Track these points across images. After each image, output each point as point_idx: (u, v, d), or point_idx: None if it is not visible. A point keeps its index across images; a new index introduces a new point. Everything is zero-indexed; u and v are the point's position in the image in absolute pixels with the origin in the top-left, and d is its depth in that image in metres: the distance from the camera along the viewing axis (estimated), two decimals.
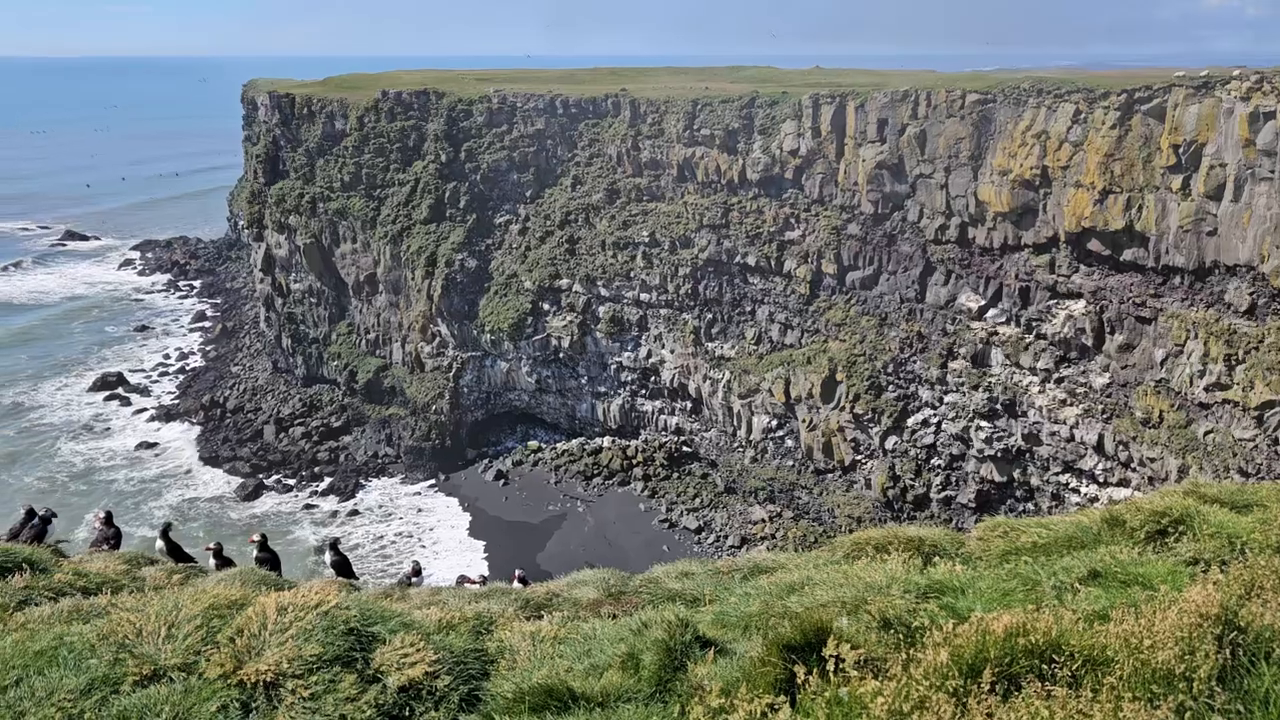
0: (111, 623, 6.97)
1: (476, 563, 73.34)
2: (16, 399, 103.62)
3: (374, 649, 7.08)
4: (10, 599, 8.58)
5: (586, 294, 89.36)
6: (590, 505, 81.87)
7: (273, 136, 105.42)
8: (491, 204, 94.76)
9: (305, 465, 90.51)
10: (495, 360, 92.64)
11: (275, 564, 12.81)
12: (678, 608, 8.47)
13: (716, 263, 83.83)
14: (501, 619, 9.01)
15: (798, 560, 10.10)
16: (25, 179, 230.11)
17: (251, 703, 6.23)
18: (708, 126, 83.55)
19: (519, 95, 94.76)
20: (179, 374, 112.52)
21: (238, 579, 9.50)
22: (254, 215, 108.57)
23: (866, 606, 7.52)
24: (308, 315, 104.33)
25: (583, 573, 10.82)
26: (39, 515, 13.69)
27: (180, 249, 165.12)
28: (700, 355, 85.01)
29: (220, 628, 6.93)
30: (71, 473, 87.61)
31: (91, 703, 6.07)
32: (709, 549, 74.08)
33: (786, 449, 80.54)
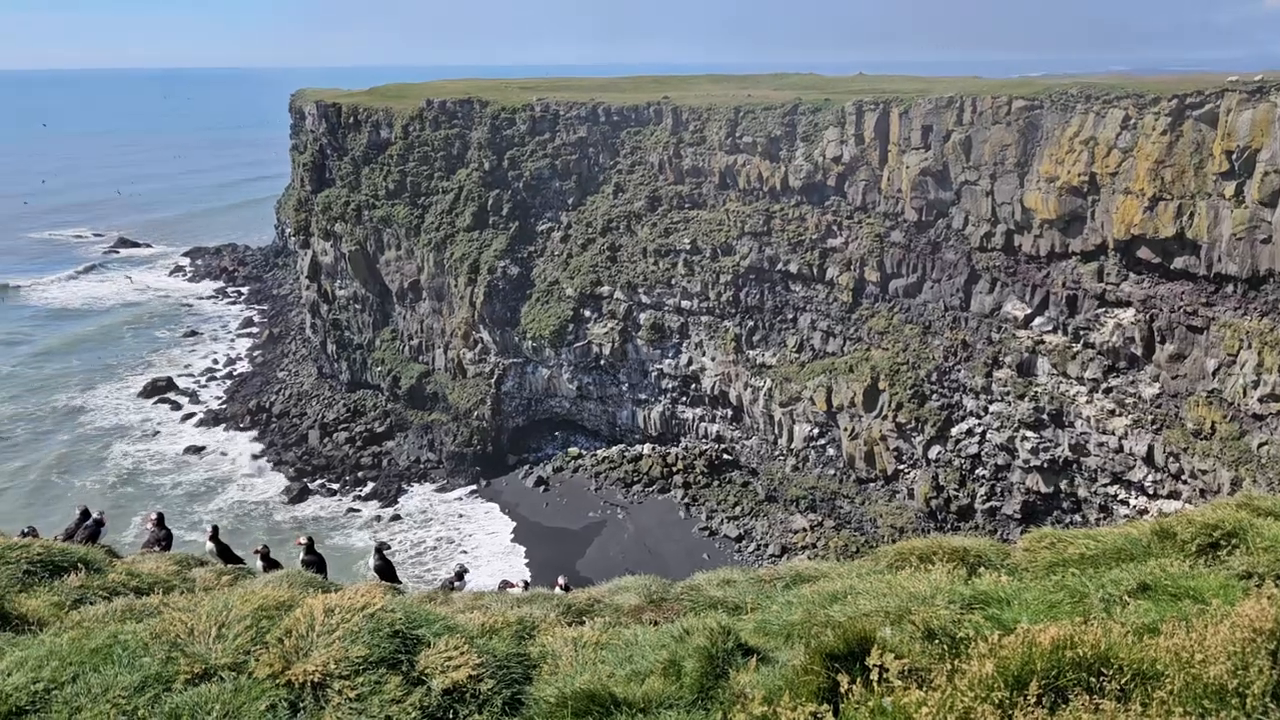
0: (164, 622, 7.12)
1: (517, 568, 73.65)
2: (69, 402, 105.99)
3: (419, 652, 7.15)
4: (66, 598, 8.79)
5: (628, 301, 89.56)
6: (630, 512, 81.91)
7: (319, 145, 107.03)
8: (534, 211, 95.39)
9: (349, 470, 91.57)
10: (536, 367, 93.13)
11: (321, 567, 12.99)
12: (719, 615, 8.47)
13: (758, 270, 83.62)
14: (543, 624, 9.06)
15: (840, 569, 10.04)
16: (82, 188, 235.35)
17: (299, 702, 6.33)
18: (750, 134, 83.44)
19: (561, 103, 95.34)
20: (227, 379, 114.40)
21: (285, 581, 9.66)
22: (300, 223, 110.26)
23: (910, 616, 7.47)
24: (352, 321, 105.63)
25: (624, 579, 10.85)
26: (93, 516, 14.02)
27: (229, 256, 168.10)
28: (741, 363, 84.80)
29: (269, 628, 7.05)
30: (121, 475, 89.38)
31: (145, 700, 6.21)
32: (749, 557, 73.76)
33: (828, 458, 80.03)
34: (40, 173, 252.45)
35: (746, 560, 72.43)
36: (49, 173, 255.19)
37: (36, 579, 9.24)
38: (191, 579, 10.78)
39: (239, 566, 12.51)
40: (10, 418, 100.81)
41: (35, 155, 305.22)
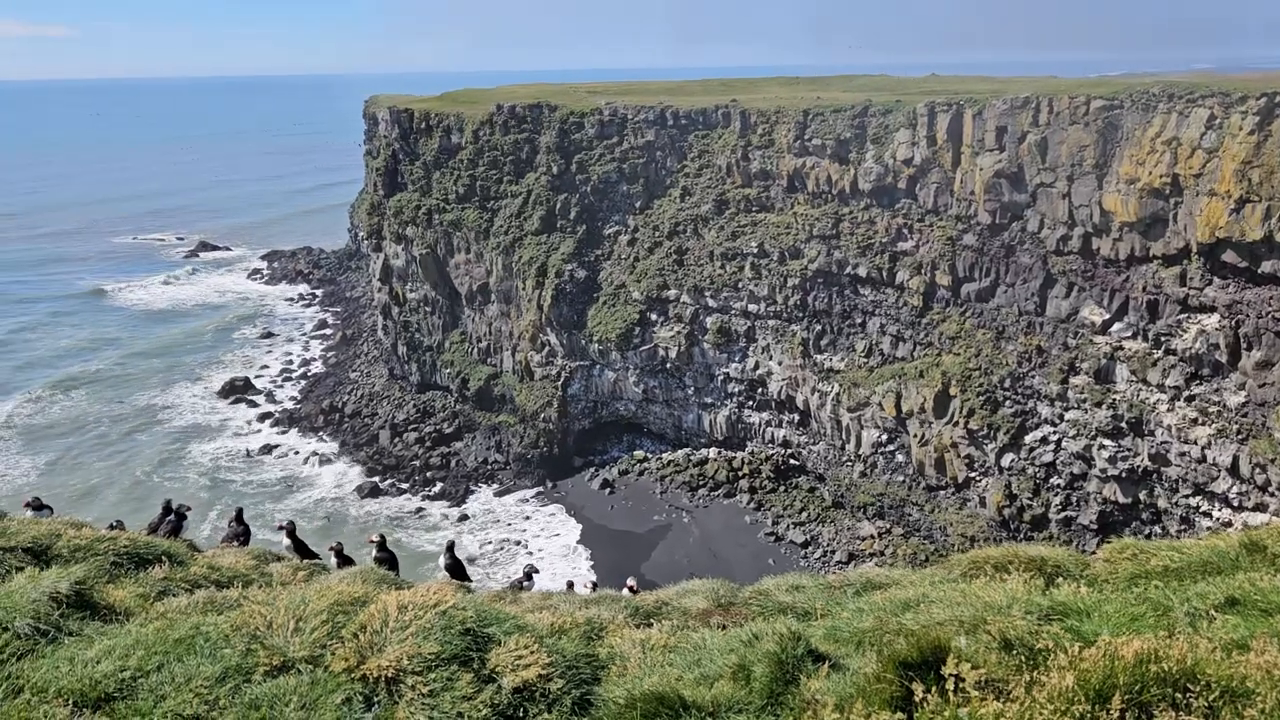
0: (244, 615, 7.30)
1: (582, 570, 74.02)
2: (151, 401, 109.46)
3: (489, 650, 7.22)
4: (151, 589, 9.06)
5: (694, 304, 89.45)
6: (695, 516, 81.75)
7: (392, 150, 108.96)
8: (601, 215, 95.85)
9: (418, 470, 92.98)
10: (603, 370, 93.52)
11: (393, 564, 13.21)
12: (789, 620, 8.40)
13: (826, 274, 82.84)
14: (611, 625, 9.09)
15: (912, 577, 9.88)
16: (170, 194, 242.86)
17: (374, 697, 6.43)
18: (819, 136, 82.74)
19: (629, 107, 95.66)
20: (301, 379, 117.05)
21: (359, 577, 9.83)
22: (373, 227, 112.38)
23: (986, 626, 7.32)
24: (422, 324, 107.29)
25: (692, 582, 10.82)
26: (175, 511, 14.46)
27: (304, 259, 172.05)
28: (809, 367, 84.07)
29: (344, 623, 7.18)
30: (198, 472, 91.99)
31: (226, 690, 6.37)
32: (815, 563, 73.09)
33: (897, 464, 78.89)
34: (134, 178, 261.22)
35: (812, 566, 71.77)
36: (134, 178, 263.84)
37: (123, 570, 9.55)
38: (269, 573, 11.04)
39: (314, 562, 12.77)
40: (96, 415, 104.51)
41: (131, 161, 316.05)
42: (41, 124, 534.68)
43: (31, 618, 7.14)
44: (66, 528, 10.30)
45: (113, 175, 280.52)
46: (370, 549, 14.12)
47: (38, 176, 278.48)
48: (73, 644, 6.97)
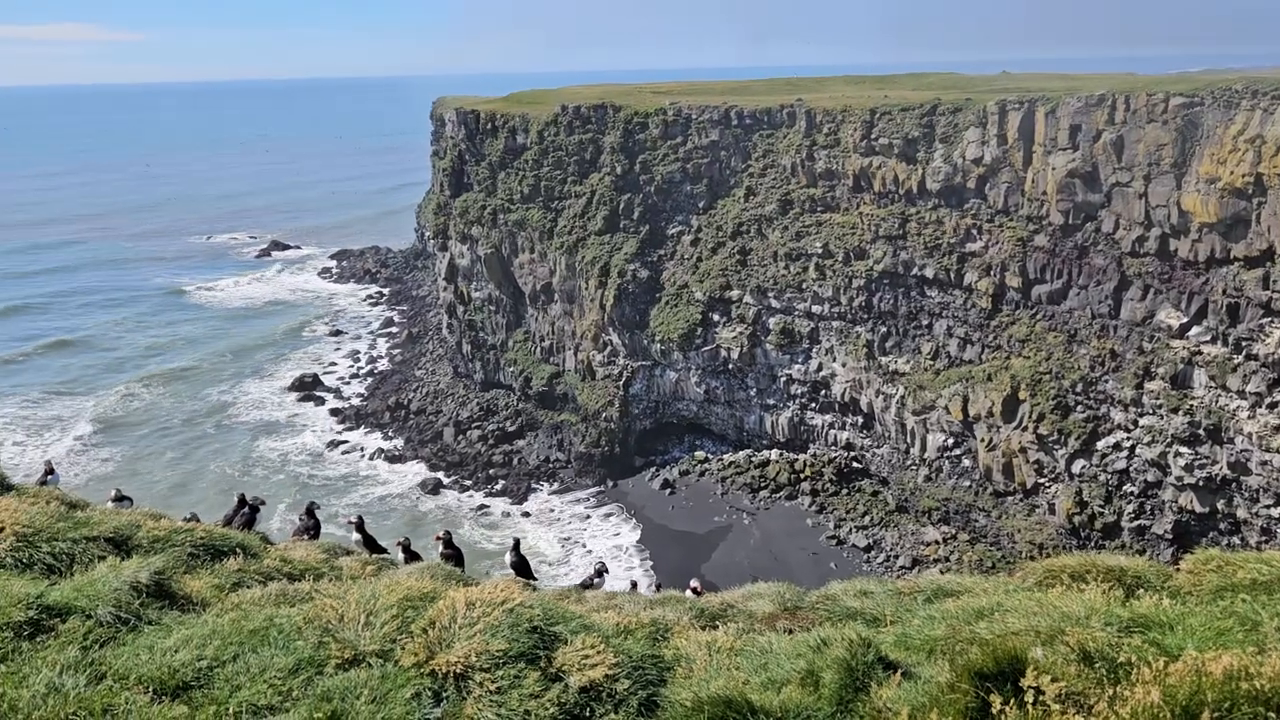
0: (316, 608, 7.40)
1: (643, 570, 74.11)
2: (222, 397, 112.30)
3: (556, 648, 7.22)
4: (226, 580, 9.26)
5: (757, 305, 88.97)
6: (756, 518, 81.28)
7: (458, 151, 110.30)
8: (664, 215, 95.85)
9: (481, 467, 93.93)
10: (665, 370, 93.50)
11: (459, 560, 13.32)
12: (858, 626, 8.26)
13: (892, 275, 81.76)
14: (677, 627, 9.03)
15: (984, 585, 9.65)
16: (244, 195, 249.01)
17: (442, 692, 6.46)
18: (886, 135, 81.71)
19: (694, 107, 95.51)
20: (368, 376, 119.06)
21: (426, 572, 9.93)
22: (439, 226, 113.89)
23: (1064, 637, 7.10)
24: (487, 323, 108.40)
25: (757, 585, 10.72)
26: (249, 504, 14.79)
27: (372, 258, 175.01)
28: (873, 369, 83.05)
29: (414, 618, 7.23)
30: (267, 467, 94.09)
31: (299, 681, 6.45)
32: (878, 568, 72.16)
33: (963, 469, 77.54)
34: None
35: (875, 571, 70.87)
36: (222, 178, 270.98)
37: (199, 562, 9.77)
38: (338, 567, 11.21)
39: (382, 557, 12.95)
40: (170, 410, 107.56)
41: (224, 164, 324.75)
42: (122, 127, 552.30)
43: (113, 606, 7.33)
44: (146, 519, 10.57)
45: (190, 177, 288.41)
46: (437, 545, 14.27)
47: (119, 178, 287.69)
48: (152, 632, 7.13)
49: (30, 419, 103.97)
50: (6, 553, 8.44)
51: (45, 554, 8.58)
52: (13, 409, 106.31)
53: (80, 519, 9.59)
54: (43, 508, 9.61)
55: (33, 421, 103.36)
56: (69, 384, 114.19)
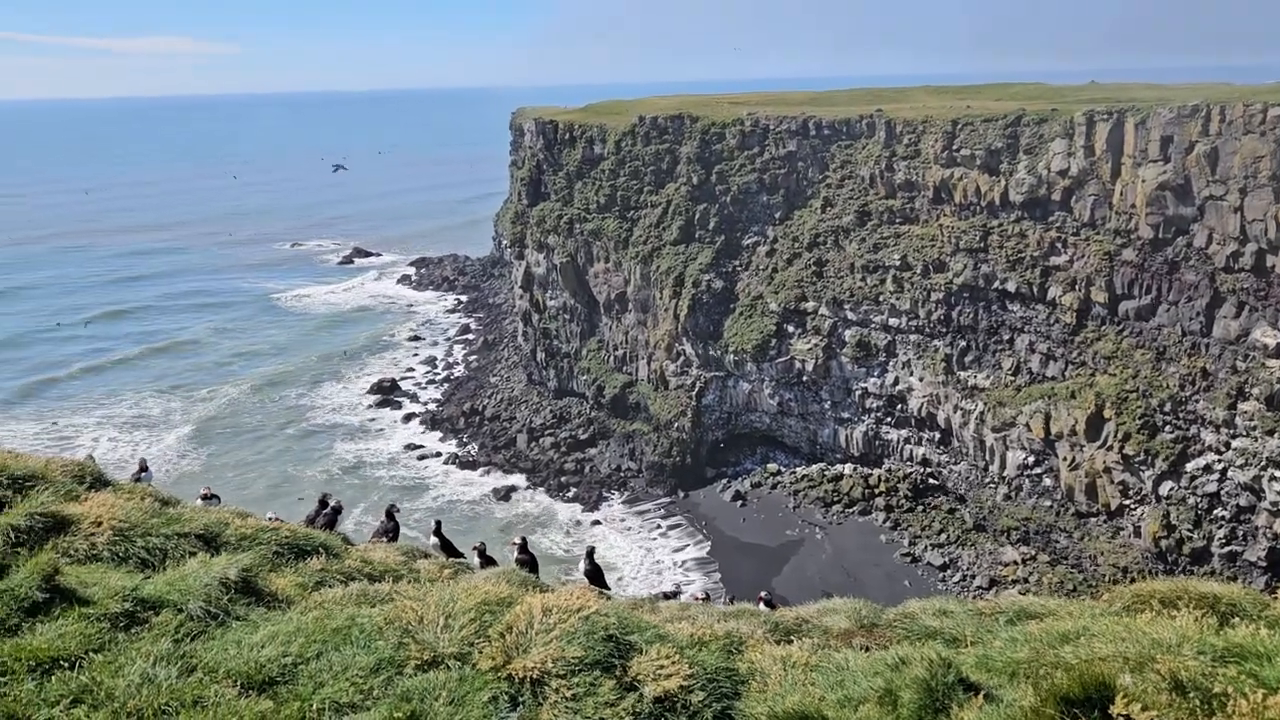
0: (396, 609, 7.53)
1: (712, 581, 73.82)
2: (301, 400, 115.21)
3: (631, 657, 7.22)
4: (309, 579, 9.47)
5: (833, 317, 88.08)
6: (829, 533, 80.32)
7: (536, 161, 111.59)
8: (740, 225, 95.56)
9: (553, 474, 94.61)
10: (738, 381, 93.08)
11: (534, 566, 13.44)
12: (937, 646, 8.10)
13: (972, 288, 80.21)
14: (751, 640, 8.96)
15: (1070, 608, 9.38)
16: (330, 205, 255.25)
17: (519, 697, 6.52)
18: (968, 146, 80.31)
19: (771, 118, 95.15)
20: (444, 382, 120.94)
21: (502, 578, 10.03)
22: (516, 235, 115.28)
23: (1155, 665, 6.87)
24: (561, 331, 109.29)
25: (833, 601, 10.59)
26: (331, 505, 15.14)
27: (450, 266, 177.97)
28: (951, 384, 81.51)
29: (491, 623, 7.31)
30: (343, 468, 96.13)
31: (379, 681, 6.57)
32: (954, 587, 70.65)
33: (1044, 488, 75.55)
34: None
35: (951, 590, 69.42)
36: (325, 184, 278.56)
37: (284, 560, 10.02)
38: (416, 569, 11.39)
39: (459, 561, 13.12)
40: (254, 412, 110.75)
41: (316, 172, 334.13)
42: (213, 137, 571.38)
43: (203, 601, 7.56)
44: (234, 517, 10.88)
45: (278, 185, 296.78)
46: (511, 550, 14.42)
47: (210, 186, 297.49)
48: (240, 628, 7.33)
49: (124, 417, 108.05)
50: (104, 546, 8.77)
51: (140, 548, 8.88)
52: (109, 408, 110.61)
53: (172, 515, 9.91)
54: (137, 503, 9.96)
55: (127, 420, 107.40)
56: (163, 385, 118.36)
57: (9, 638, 6.63)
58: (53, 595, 7.19)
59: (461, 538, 36.70)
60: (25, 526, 8.53)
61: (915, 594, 49.63)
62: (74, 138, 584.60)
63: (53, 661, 6.37)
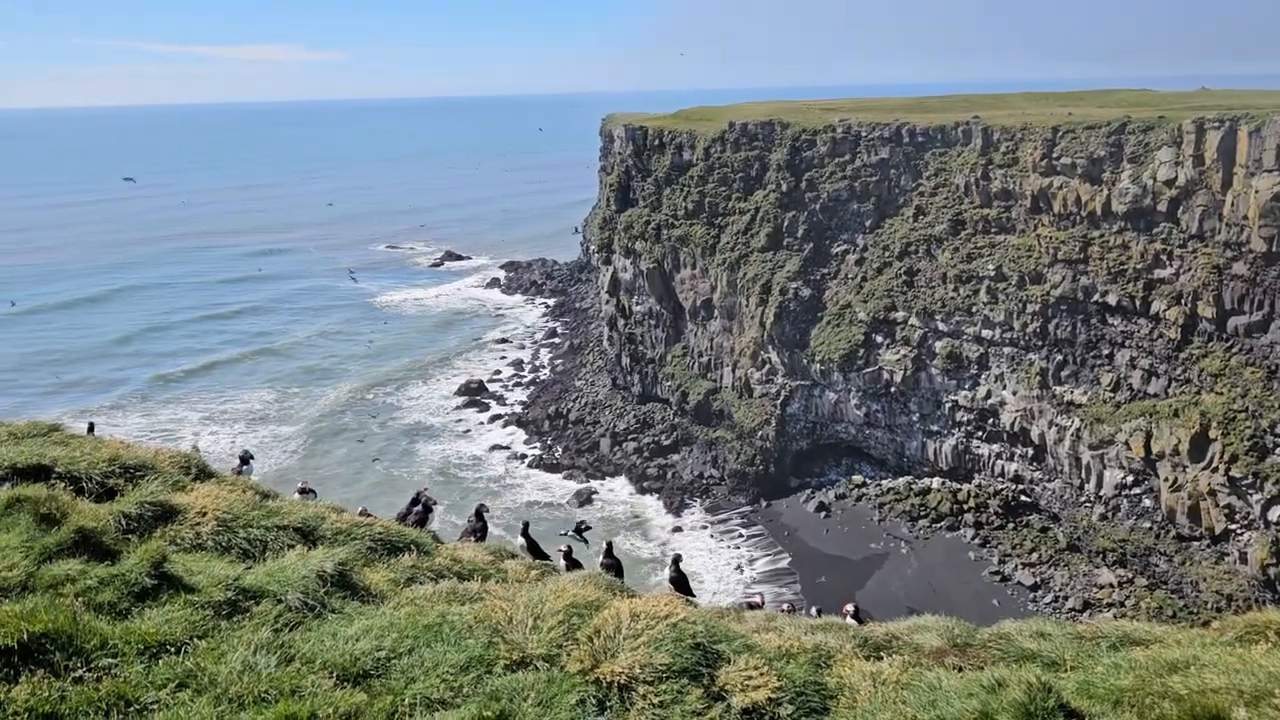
0: (486, 608, 7.60)
1: (792, 593, 73.02)
2: (391, 400, 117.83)
3: (718, 667, 7.16)
4: (401, 575, 9.63)
5: (923, 328, 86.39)
6: (914, 548, 78.74)
7: (625, 167, 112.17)
8: (829, 233, 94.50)
9: (635, 479, 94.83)
10: (824, 390, 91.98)
11: (619, 571, 13.45)
12: (1035, 669, 7.83)
13: (1070, 300, 77.81)
14: (839, 655, 8.79)
15: (1177, 636, 8.98)
16: (426, 210, 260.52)
17: (606, 701, 6.51)
18: (1068, 154, 77.99)
19: (864, 124, 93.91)
20: (530, 385, 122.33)
21: (588, 581, 10.05)
22: (604, 240, 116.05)
23: (1273, 699, 6.53)
24: (646, 336, 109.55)
25: (924, 618, 10.32)
26: (423, 503, 15.41)
27: (539, 270, 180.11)
28: (1047, 399, 79.16)
29: (579, 625, 7.32)
30: (429, 467, 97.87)
31: (469, 679, 6.64)
32: (1045, 608, 68.53)
33: (1143, 509, 72.78)
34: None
35: (1042, 611, 67.35)
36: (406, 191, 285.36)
37: (376, 555, 10.21)
38: (504, 569, 11.49)
39: (545, 563, 13.21)
40: (343, 408, 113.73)
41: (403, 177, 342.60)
42: (316, 141, 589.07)
43: (301, 592, 7.74)
44: (330, 511, 11.14)
45: (372, 189, 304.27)
46: (597, 554, 14.46)
47: (313, 190, 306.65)
48: (335, 620, 7.49)
49: (224, 413, 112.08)
50: (208, 536, 9.06)
51: (241, 539, 9.16)
52: (211, 404, 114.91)
53: (272, 508, 10.19)
54: (240, 496, 10.26)
55: (227, 415, 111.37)
56: (260, 383, 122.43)
57: (119, 621, 6.89)
58: (161, 581, 7.45)
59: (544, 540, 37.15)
60: (136, 514, 8.88)
61: (1004, 614, 48.17)
62: (188, 142, 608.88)
63: (160, 646, 6.59)
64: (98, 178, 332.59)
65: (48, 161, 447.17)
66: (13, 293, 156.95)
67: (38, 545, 7.71)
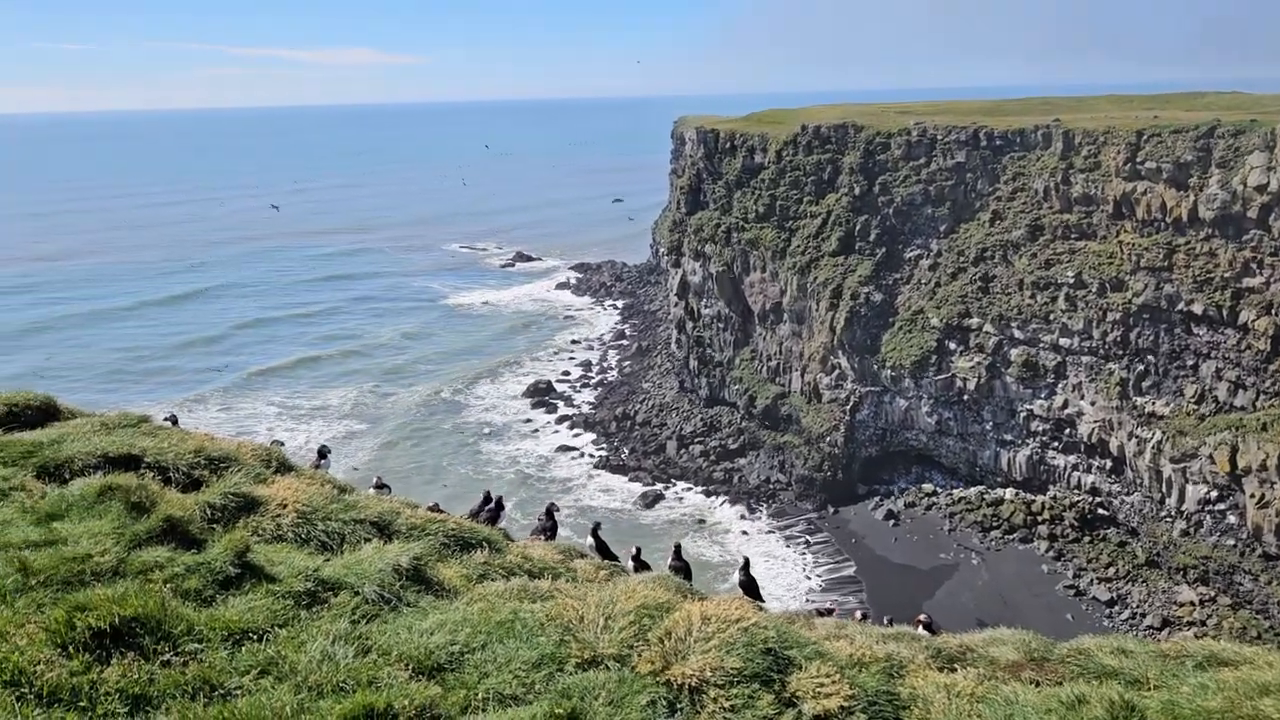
0: (558, 606, 7.65)
1: (857, 601, 72.08)
2: (460, 398, 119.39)
3: (790, 673, 7.10)
4: (473, 571, 9.74)
5: (998, 335, 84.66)
6: (986, 559, 77.21)
7: (696, 169, 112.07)
8: (902, 238, 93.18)
9: (701, 482, 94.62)
10: (894, 397, 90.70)
11: (687, 573, 13.45)
12: (1116, 686, 7.61)
13: (1153, 309, 75.54)
14: (912, 665, 8.66)
15: (1269, 657, 8.66)
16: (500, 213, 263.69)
17: (677, 703, 6.50)
18: (1153, 159, 75.75)
19: (939, 127, 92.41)
20: (597, 386, 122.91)
21: (658, 583, 10.06)
22: (674, 243, 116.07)
23: None
24: (715, 340, 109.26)
25: (999, 630, 10.11)
26: (495, 501, 15.61)
27: (608, 272, 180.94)
28: (1126, 410, 76.94)
29: (650, 627, 7.32)
30: (497, 467, 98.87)
31: (540, 676, 6.68)
32: (1121, 625, 66.65)
33: (1227, 525, 70.28)
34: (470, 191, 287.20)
35: (1118, 628, 65.48)
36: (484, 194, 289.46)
37: (449, 551, 10.35)
38: (573, 569, 11.56)
39: (614, 564, 13.26)
40: (415, 408, 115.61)
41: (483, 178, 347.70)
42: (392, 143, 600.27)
43: (378, 585, 7.88)
44: (404, 507, 11.32)
45: (455, 191, 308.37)
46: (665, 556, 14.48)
47: (392, 191, 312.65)
48: (410, 614, 7.61)
49: (300, 409, 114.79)
50: (288, 528, 9.28)
51: (320, 532, 9.36)
52: (288, 400, 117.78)
53: (349, 502, 10.39)
54: (318, 489, 10.49)
55: (303, 412, 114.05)
56: (335, 381, 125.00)
57: (204, 608, 7.09)
58: (243, 571, 7.65)
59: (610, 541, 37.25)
60: (220, 505, 9.13)
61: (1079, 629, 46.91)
62: (268, 144, 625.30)
63: (243, 633, 6.76)
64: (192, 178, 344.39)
65: (144, 163, 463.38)
66: (104, 289, 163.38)
67: (128, 532, 7.98)
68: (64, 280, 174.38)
